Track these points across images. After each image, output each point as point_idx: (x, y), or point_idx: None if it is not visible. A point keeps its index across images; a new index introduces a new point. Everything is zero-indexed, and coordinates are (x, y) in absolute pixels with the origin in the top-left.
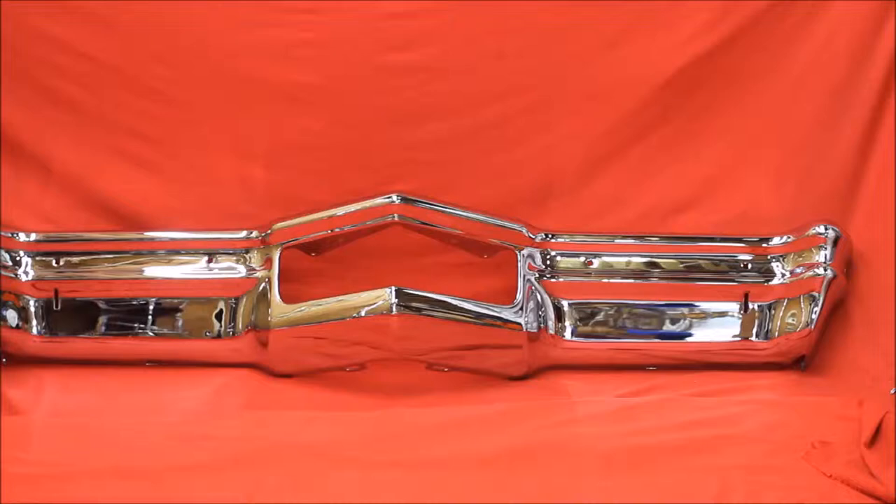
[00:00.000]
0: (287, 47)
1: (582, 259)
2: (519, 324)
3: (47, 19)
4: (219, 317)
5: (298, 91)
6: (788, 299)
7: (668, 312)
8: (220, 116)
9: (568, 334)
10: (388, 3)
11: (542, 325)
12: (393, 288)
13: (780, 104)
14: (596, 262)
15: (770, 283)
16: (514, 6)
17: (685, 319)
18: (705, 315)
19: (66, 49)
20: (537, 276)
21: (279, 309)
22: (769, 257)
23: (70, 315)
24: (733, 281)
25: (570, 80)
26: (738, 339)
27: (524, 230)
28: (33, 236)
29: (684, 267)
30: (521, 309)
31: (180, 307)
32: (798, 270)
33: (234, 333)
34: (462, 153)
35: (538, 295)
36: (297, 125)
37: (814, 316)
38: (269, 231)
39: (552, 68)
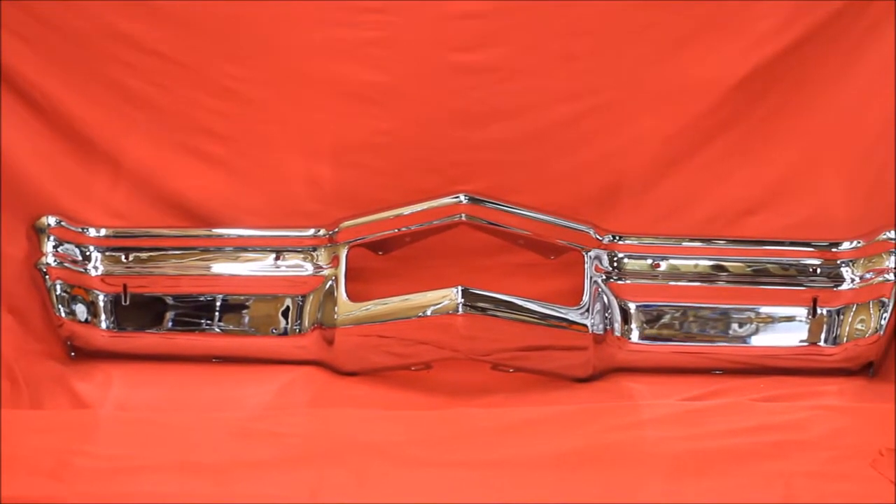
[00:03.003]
0: (356, 46)
1: (649, 261)
2: (585, 325)
3: (120, 17)
4: (285, 314)
5: (367, 90)
6: (857, 304)
7: (735, 316)
8: (290, 115)
9: (634, 337)
10: (458, 4)
11: (608, 327)
12: (459, 287)
13: (851, 107)
14: (663, 265)
15: (839, 288)
16: (582, 7)
17: (752, 323)
18: (772, 319)
19: (138, 46)
20: (604, 277)
21: (345, 307)
22: (838, 262)
23: (138, 310)
24: (801, 285)
25: (638, 82)
26: (806, 344)
27: (591, 231)
28: (103, 231)
29: (752, 271)
30: (588, 310)
31: (247, 304)
32: (867, 275)
33: (300, 331)
34: (530, 154)
35: (605, 297)
36: (366, 124)
37: (883, 321)
38: (336, 229)
39: (621, 70)
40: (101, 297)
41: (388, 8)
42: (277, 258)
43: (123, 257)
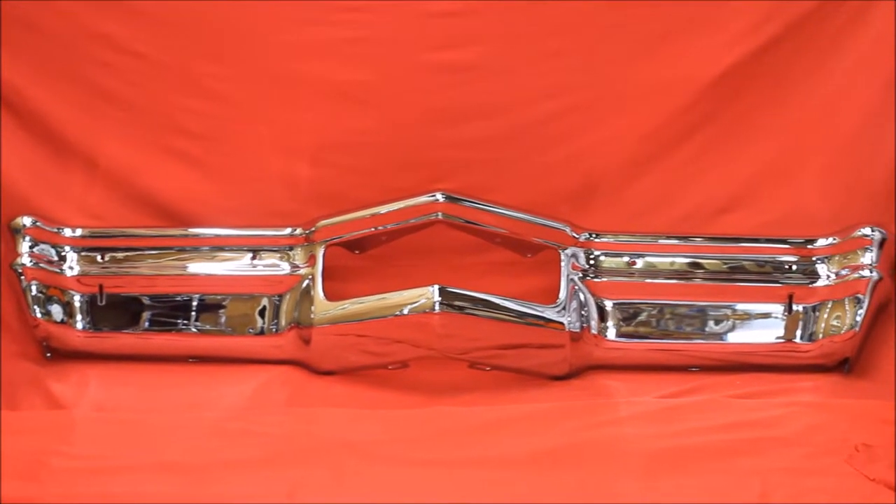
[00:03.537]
0: (335, 45)
1: (625, 259)
2: (561, 323)
3: (96, 16)
4: (262, 313)
5: (346, 89)
6: (833, 301)
7: (712, 313)
8: (267, 114)
9: (611, 334)
10: (437, 3)
11: (584, 325)
12: (436, 286)
13: (826, 105)
14: (639, 263)
15: (815, 284)
16: (560, 6)
17: (728, 320)
18: (749, 316)
19: (115, 45)
20: (580, 275)
21: (322, 306)
22: (814, 259)
23: (114, 310)
24: (777, 282)
25: (615, 80)
26: (782, 340)
27: (568, 229)
28: (79, 231)
29: (728, 268)
30: (564, 308)
31: (224, 303)
32: (843, 272)
33: (276, 330)
34: (507, 152)
35: (581, 294)
36: (344, 123)
37: (858, 318)
38: (313, 228)
39: (598, 68)
40: (76, 298)
41: (366, 7)
42: (254, 258)
43: (99, 257)
